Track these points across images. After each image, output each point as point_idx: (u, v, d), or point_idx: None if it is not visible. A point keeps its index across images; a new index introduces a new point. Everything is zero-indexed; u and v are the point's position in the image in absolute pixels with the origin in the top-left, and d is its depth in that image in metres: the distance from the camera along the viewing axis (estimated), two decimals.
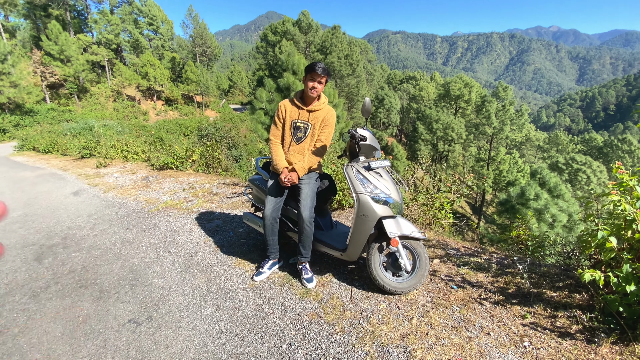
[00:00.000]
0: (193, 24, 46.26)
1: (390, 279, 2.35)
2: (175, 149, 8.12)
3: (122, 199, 5.64)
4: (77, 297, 2.69)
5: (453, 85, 41.24)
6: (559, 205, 14.45)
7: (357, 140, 2.32)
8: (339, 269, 2.80)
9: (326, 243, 2.58)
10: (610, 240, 1.81)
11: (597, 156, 43.24)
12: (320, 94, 2.51)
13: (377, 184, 2.31)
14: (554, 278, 2.43)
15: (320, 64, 2.37)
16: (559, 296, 2.20)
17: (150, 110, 38.22)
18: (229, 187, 5.93)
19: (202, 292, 2.61)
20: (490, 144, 40.50)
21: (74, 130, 19.42)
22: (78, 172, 8.49)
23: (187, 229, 3.96)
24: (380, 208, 2.27)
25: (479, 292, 2.34)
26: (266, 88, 14.05)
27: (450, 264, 2.77)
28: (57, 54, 29.52)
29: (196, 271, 2.94)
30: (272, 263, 2.78)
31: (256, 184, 3.01)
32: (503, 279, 2.47)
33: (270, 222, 2.57)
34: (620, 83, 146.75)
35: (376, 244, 2.37)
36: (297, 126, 2.53)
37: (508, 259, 2.82)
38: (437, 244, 3.27)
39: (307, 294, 2.46)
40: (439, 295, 2.33)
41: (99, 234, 4.05)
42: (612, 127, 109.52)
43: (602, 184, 33.11)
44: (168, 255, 3.31)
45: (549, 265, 2.70)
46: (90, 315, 2.43)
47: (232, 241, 3.53)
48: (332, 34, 38.07)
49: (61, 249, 3.70)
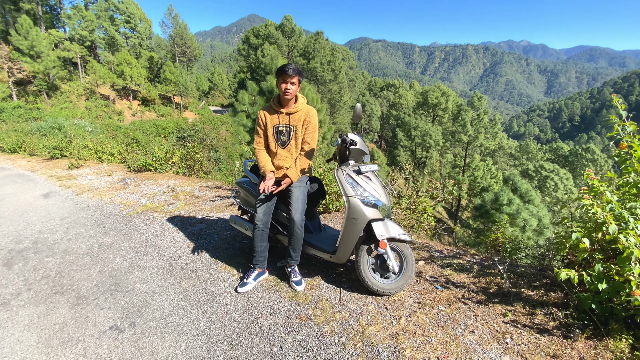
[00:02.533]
0: (173, 24, 45.34)
1: (378, 281, 2.39)
2: (155, 150, 7.89)
3: (98, 201, 5.41)
4: (53, 304, 2.56)
5: (431, 94, 42.54)
6: (529, 210, 15.18)
7: (347, 144, 2.37)
8: (327, 271, 2.81)
9: (316, 246, 2.59)
10: (583, 241, 1.93)
11: (564, 164, 45.71)
12: (297, 95, 2.52)
13: (366, 187, 2.36)
14: (531, 278, 2.56)
15: (291, 64, 2.37)
16: (537, 295, 2.32)
17: (125, 110, 36.92)
18: (211, 190, 5.83)
19: (188, 297, 2.55)
20: (465, 151, 41.97)
21: (43, 129, 18.44)
22: (48, 173, 8.06)
23: (169, 233, 3.85)
24: (369, 211, 2.31)
25: (462, 292, 2.42)
26: (249, 91, 13.92)
27: (435, 265, 2.86)
28: (26, 50, 28.06)
29: (180, 275, 2.87)
30: (258, 273, 2.67)
31: (244, 187, 2.99)
32: (484, 279, 2.57)
33: (261, 227, 2.54)
34: (584, 96, 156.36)
35: (365, 246, 2.41)
36: (279, 131, 2.54)
37: (488, 260, 2.94)
38: (421, 246, 3.36)
39: (296, 297, 2.46)
40: (425, 296, 2.40)
41: (74, 238, 3.87)
42: (577, 137, 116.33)
43: (568, 190, 35.05)
44: (150, 259, 3.21)
45: (526, 266, 2.84)
46: (68, 322, 2.32)
47: (217, 245, 3.47)
48: (315, 39, 38.41)
49: (32, 253, 3.51)
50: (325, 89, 37.42)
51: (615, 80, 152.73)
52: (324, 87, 37.27)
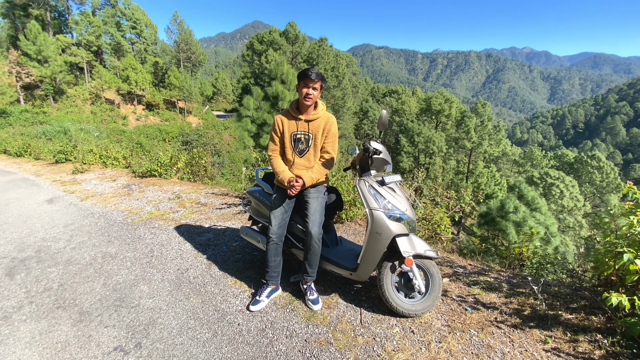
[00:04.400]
0: (178, 30, 45.72)
1: (403, 301, 2.21)
2: (160, 155, 7.78)
3: (102, 208, 5.28)
4: (55, 320, 2.41)
5: (434, 100, 42.42)
6: (536, 218, 14.92)
7: (370, 153, 2.21)
8: (344, 288, 2.64)
9: (334, 261, 2.42)
10: (636, 262, 1.76)
11: (569, 171, 45.30)
12: (317, 101, 2.38)
13: (391, 199, 2.20)
14: (566, 299, 2.37)
15: (314, 69, 2.23)
16: (576, 319, 2.14)
17: (130, 114, 37.06)
18: (217, 197, 5.68)
19: (197, 315, 2.38)
20: (469, 158, 41.69)
21: (49, 133, 18.47)
22: (53, 178, 7.96)
23: (175, 243, 3.70)
24: (394, 225, 2.15)
25: (494, 314, 2.24)
26: (253, 96, 13.88)
27: (460, 283, 2.67)
28: (34, 54, 28.30)
29: (188, 290, 2.71)
30: (271, 290, 2.49)
31: (256, 197, 2.83)
32: (516, 299, 2.39)
33: (275, 241, 2.38)
34: (588, 103, 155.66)
35: (388, 263, 2.24)
36: (297, 138, 2.38)
37: (516, 277, 2.75)
38: (442, 261, 3.18)
39: (314, 317, 2.29)
40: (454, 318, 2.22)
41: (77, 247, 3.73)
42: (581, 144, 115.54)
43: (574, 198, 34.63)
44: (156, 272, 3.05)
45: (558, 284, 2.65)
46: (70, 341, 2.16)
47: (226, 257, 3.31)
48: (319, 46, 38.53)
49: (35, 263, 3.36)
50: (329, 95, 37.44)
51: (620, 87, 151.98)
52: (328, 93, 37.30)
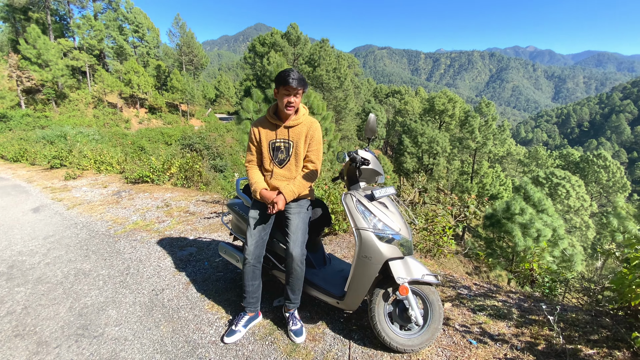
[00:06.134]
0: (180, 33, 45.70)
1: (397, 334, 1.91)
2: (152, 160, 7.54)
3: (87, 217, 5.04)
4: (10, 351, 2.15)
5: (437, 100, 42.00)
6: (543, 219, 14.51)
7: (357, 164, 1.93)
8: (332, 315, 2.34)
9: (319, 287, 2.13)
10: None
11: (575, 171, 44.59)
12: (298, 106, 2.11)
13: (382, 217, 1.90)
14: (586, 328, 2.06)
15: (294, 72, 1.93)
16: (598, 354, 1.83)
17: (132, 118, 37.06)
18: (207, 205, 5.42)
19: (165, 347, 2.10)
20: (473, 158, 41.14)
21: (48, 137, 18.38)
22: (44, 185, 7.76)
23: (154, 258, 3.43)
24: (386, 248, 1.85)
25: (503, 349, 1.93)
26: (254, 98, 13.64)
27: (464, 308, 2.37)
28: (34, 58, 28.32)
29: (160, 316, 2.43)
30: (249, 318, 2.22)
31: (235, 210, 2.55)
32: (528, 329, 2.09)
33: (252, 263, 2.10)
34: (593, 101, 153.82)
35: (380, 290, 1.94)
36: (276, 147, 2.12)
37: (528, 301, 2.45)
38: (444, 280, 2.87)
39: (295, 352, 2.00)
40: (457, 354, 1.91)
41: (52, 262, 3.48)
42: (587, 142, 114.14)
43: (580, 198, 34.02)
44: (129, 292, 2.79)
45: (575, 308, 2.34)
46: None
47: (207, 274, 3.03)
48: (321, 47, 38.29)
49: (4, 281, 3.12)
50: (331, 96, 37.16)
51: (625, 85, 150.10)
52: (330, 95, 37.02)
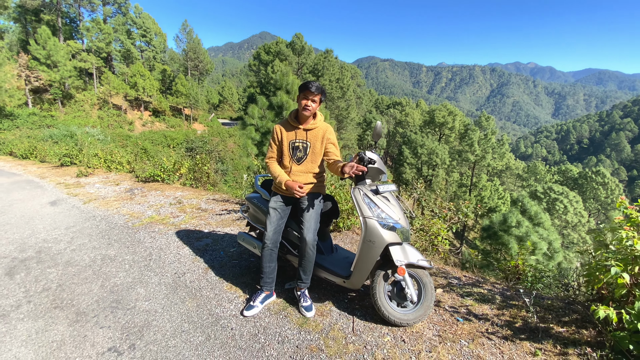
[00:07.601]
0: (187, 39, 46.63)
1: (395, 310, 2.23)
2: (163, 161, 7.89)
3: (104, 211, 5.35)
4: (51, 320, 2.44)
5: (438, 113, 42.64)
6: (539, 233, 14.81)
7: (365, 163, 2.27)
8: (338, 296, 2.66)
9: (328, 269, 2.45)
10: (623, 276, 1.78)
11: (573, 187, 45.01)
12: (316, 112, 2.47)
13: (384, 208, 2.24)
14: (559, 312, 2.38)
15: (315, 82, 2.34)
16: (567, 332, 2.14)
17: (136, 120, 37.56)
18: (218, 204, 5.74)
19: (191, 319, 2.41)
20: (472, 171, 41.63)
21: (55, 136, 18.75)
22: (57, 181, 8.08)
23: (174, 247, 3.74)
24: (387, 234, 2.19)
25: (485, 325, 2.25)
26: (258, 105, 14.09)
27: (454, 294, 2.69)
28: (43, 59, 28.92)
29: (184, 294, 2.74)
30: (265, 296, 2.53)
31: (254, 203, 2.88)
32: (508, 311, 2.40)
33: (270, 247, 2.43)
34: (593, 118, 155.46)
35: (381, 271, 2.27)
36: (295, 146, 2.48)
37: (510, 290, 2.76)
38: (437, 272, 3.19)
39: (306, 324, 2.31)
40: (445, 328, 2.23)
41: (77, 249, 3.78)
42: (586, 159, 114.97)
43: (578, 214, 34.30)
44: (153, 275, 3.09)
45: (552, 297, 2.66)
46: (66, 340, 2.19)
47: (223, 262, 3.34)
48: (325, 57, 39.10)
49: (35, 263, 3.41)
50: (333, 105, 37.81)
51: (625, 103, 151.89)
52: (332, 104, 37.67)
